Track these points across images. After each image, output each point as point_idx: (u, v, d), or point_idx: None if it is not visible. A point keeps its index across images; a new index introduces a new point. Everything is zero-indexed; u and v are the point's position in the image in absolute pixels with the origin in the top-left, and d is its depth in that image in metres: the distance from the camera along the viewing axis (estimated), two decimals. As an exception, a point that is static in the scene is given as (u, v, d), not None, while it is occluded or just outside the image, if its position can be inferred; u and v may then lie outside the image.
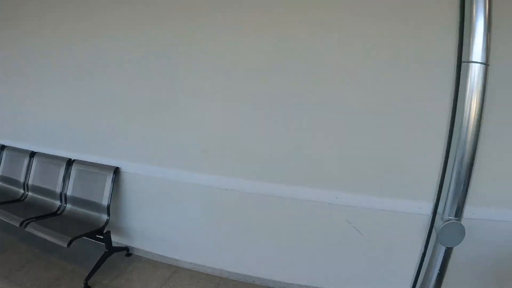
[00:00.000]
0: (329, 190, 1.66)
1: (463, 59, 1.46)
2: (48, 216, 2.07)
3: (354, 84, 1.60)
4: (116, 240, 2.04)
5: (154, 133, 1.88)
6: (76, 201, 2.11)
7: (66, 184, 2.18)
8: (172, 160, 1.85)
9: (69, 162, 2.22)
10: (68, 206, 2.14)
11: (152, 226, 1.95)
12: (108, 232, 1.96)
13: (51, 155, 2.35)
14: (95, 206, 2.02)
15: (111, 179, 2.00)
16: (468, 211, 1.55)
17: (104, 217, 1.98)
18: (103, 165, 2.07)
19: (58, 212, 2.14)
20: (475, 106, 1.45)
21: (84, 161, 2.16)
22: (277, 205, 1.72)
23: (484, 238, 1.69)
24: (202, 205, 1.83)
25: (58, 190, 2.20)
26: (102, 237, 1.93)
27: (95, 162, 2.11)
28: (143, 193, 1.94)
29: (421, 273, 1.68)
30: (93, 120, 2.11)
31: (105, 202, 1.99)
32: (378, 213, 1.66)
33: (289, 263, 1.82)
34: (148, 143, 1.91)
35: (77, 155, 2.20)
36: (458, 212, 1.57)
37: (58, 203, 2.19)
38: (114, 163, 2.03)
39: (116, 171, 2.01)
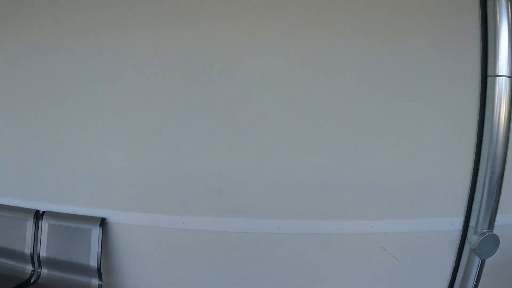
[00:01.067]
0: (364, 220, 1.53)
1: (488, 73, 1.44)
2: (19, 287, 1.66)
3: (376, 106, 1.48)
4: (113, 305, 1.71)
5: (151, 172, 1.57)
6: (54, 264, 1.72)
7: (38, 243, 1.76)
8: (176, 205, 1.56)
9: (37, 215, 1.79)
10: (44, 271, 1.74)
11: (160, 283, 1.64)
12: (104, 299, 1.63)
13: (10, 206, 1.89)
14: (81, 269, 1.65)
15: (97, 233, 1.64)
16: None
17: (95, 282, 1.63)
18: (85, 216, 1.70)
19: (32, 280, 1.73)
20: (503, 118, 1.43)
21: (58, 212, 1.76)
22: (312, 244, 1.54)
23: (509, 243, 1.70)
24: (220, 253, 1.57)
25: (27, 251, 1.78)
26: (96, 307, 1.60)
27: (73, 213, 1.73)
28: (141, 246, 1.62)
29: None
30: (63, 156, 1.72)
31: (93, 262, 1.63)
32: (411, 235, 1.57)
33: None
34: (144, 186, 1.59)
35: (46, 206, 1.78)
36: (491, 223, 1.56)
37: (29, 268, 1.77)
38: (98, 213, 1.67)
39: (103, 222, 1.65)
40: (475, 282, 1.60)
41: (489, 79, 1.44)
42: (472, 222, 1.57)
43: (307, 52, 1.46)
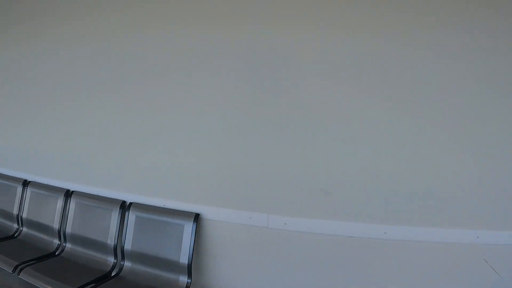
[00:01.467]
0: (470, 229, 1.45)
1: None
2: (100, 280, 1.62)
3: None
4: (199, 305, 1.62)
5: (252, 170, 1.54)
6: (138, 257, 1.68)
7: (122, 235, 1.75)
8: (279, 205, 1.50)
9: (124, 206, 1.81)
10: (127, 264, 1.70)
11: (254, 285, 1.56)
12: (192, 299, 1.56)
13: (94, 195, 1.93)
14: (169, 265, 1.59)
15: (190, 229, 1.61)
16: None
17: (184, 279, 1.56)
18: (177, 211, 1.68)
19: (114, 273, 1.69)
20: None
21: (146, 205, 1.76)
22: (417, 252, 1.42)
23: None
24: (320, 257, 1.46)
25: (110, 242, 1.77)
26: (182, 306, 1.52)
27: (163, 206, 1.73)
28: (236, 245, 1.56)
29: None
30: (157, 148, 1.77)
31: (184, 259, 1.57)
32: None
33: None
34: (244, 184, 1.56)
35: (131, 197, 1.81)
36: None
37: (112, 260, 1.74)
38: (190, 208, 1.66)
39: (197, 218, 1.64)
40: None
41: None
42: None
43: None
